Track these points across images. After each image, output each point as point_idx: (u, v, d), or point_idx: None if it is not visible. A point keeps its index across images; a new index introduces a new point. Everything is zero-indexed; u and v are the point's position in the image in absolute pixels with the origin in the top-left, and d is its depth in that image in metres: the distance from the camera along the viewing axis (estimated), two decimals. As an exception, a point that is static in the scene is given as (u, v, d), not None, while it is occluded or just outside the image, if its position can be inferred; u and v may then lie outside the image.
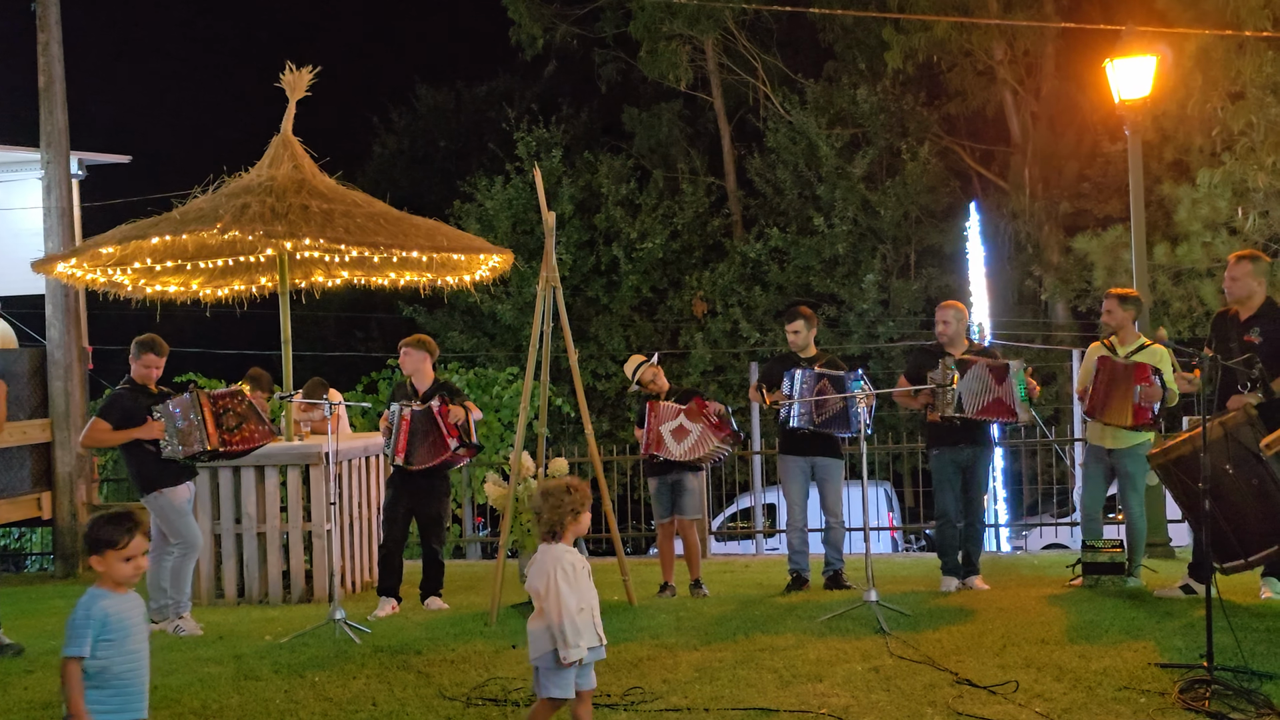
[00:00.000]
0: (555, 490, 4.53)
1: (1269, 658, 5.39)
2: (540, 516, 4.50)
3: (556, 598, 4.35)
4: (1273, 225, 16.73)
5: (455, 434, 7.64)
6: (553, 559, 4.43)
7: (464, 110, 31.57)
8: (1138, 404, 7.12)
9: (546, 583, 4.37)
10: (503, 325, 23.75)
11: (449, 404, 7.70)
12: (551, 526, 4.48)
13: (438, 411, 7.65)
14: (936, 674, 5.45)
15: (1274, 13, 15.52)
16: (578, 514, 4.51)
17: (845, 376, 7.75)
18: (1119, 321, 7.52)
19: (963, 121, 25.03)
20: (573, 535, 4.52)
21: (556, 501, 4.49)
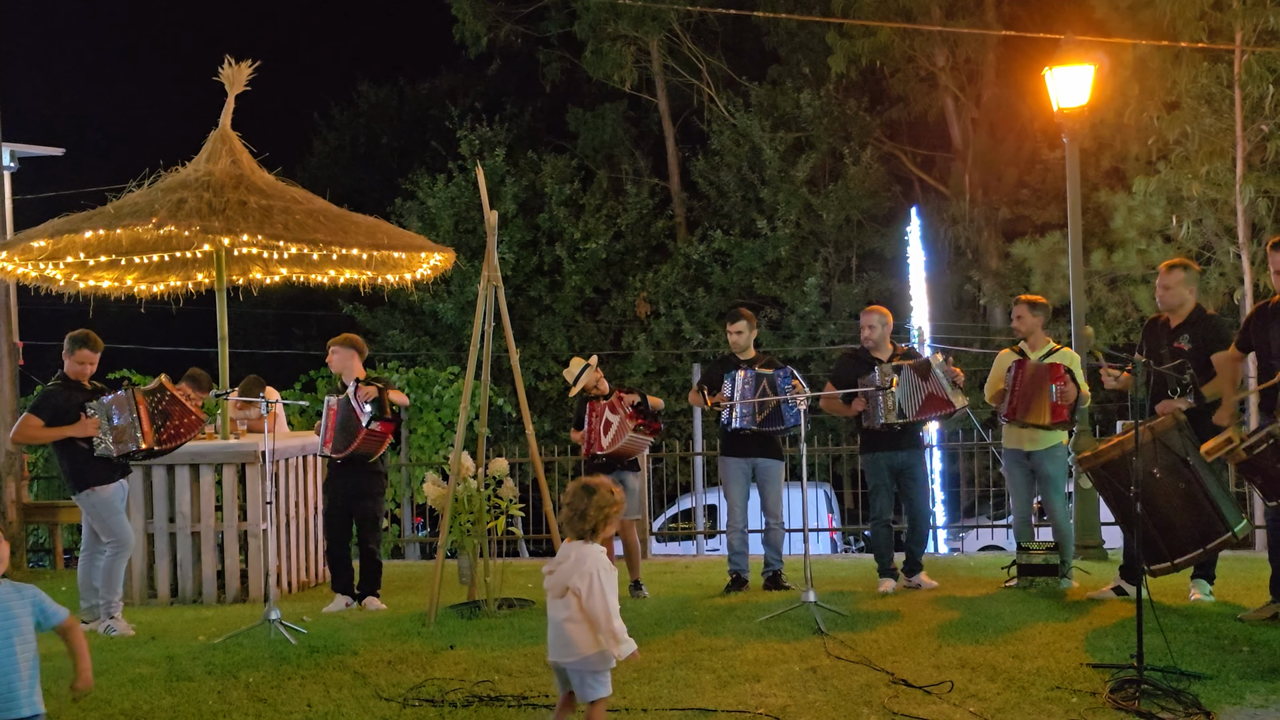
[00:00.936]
0: (600, 488, 4.46)
1: (1197, 658, 5.51)
2: (585, 514, 4.40)
3: (604, 597, 4.31)
4: (1205, 233, 17.12)
5: (366, 409, 7.66)
6: (593, 559, 4.37)
7: (406, 107, 31.32)
8: (1055, 403, 7.32)
9: (591, 582, 4.31)
10: (444, 324, 23.59)
11: (363, 386, 7.73)
12: (594, 525, 4.41)
13: (352, 394, 7.68)
14: (873, 674, 5.50)
15: (1209, 25, 15.86)
16: (614, 518, 4.47)
17: (775, 375, 7.79)
18: (1029, 327, 7.72)
19: (905, 127, 25.31)
20: (604, 539, 4.47)
21: (603, 501, 4.42)
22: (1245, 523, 6.42)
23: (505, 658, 6.06)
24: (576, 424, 8.41)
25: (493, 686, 5.55)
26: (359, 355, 8.06)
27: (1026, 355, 7.66)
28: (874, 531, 7.98)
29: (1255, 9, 15.40)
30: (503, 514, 7.64)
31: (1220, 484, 6.39)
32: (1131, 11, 16.96)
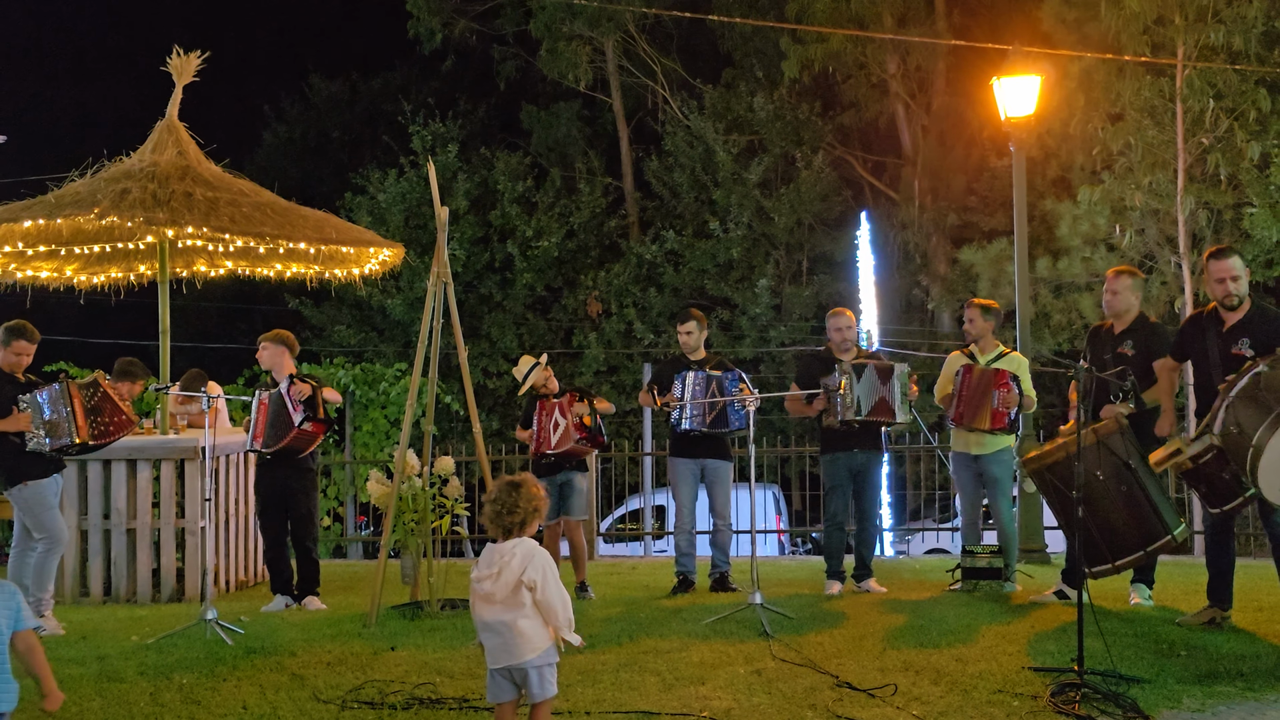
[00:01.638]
0: (527, 483, 4.45)
1: (1136, 662, 5.57)
2: (514, 507, 4.37)
3: (558, 587, 4.30)
4: (1148, 243, 17.41)
5: (299, 408, 7.58)
6: (540, 550, 4.34)
7: (358, 101, 31.01)
8: (995, 408, 7.39)
9: (545, 574, 4.28)
10: (392, 320, 23.39)
11: (296, 383, 7.66)
12: (524, 518, 4.38)
13: (285, 391, 7.61)
14: (818, 677, 5.50)
15: (1152, 40, 16.13)
16: (541, 512, 4.46)
17: (724, 377, 7.79)
18: (980, 331, 7.78)
19: (856, 132, 25.49)
20: (530, 534, 4.43)
21: (529, 494, 4.41)
22: (1184, 527, 6.50)
23: (448, 659, 5.98)
24: (524, 422, 8.36)
25: (434, 689, 5.48)
26: (290, 352, 7.98)
27: (976, 359, 7.72)
28: (827, 533, 7.99)
29: (1196, 25, 15.69)
30: (448, 513, 7.56)
31: (1160, 488, 6.47)
32: (1077, 24, 17.22)
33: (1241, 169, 15.87)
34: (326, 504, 12.81)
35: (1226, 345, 6.06)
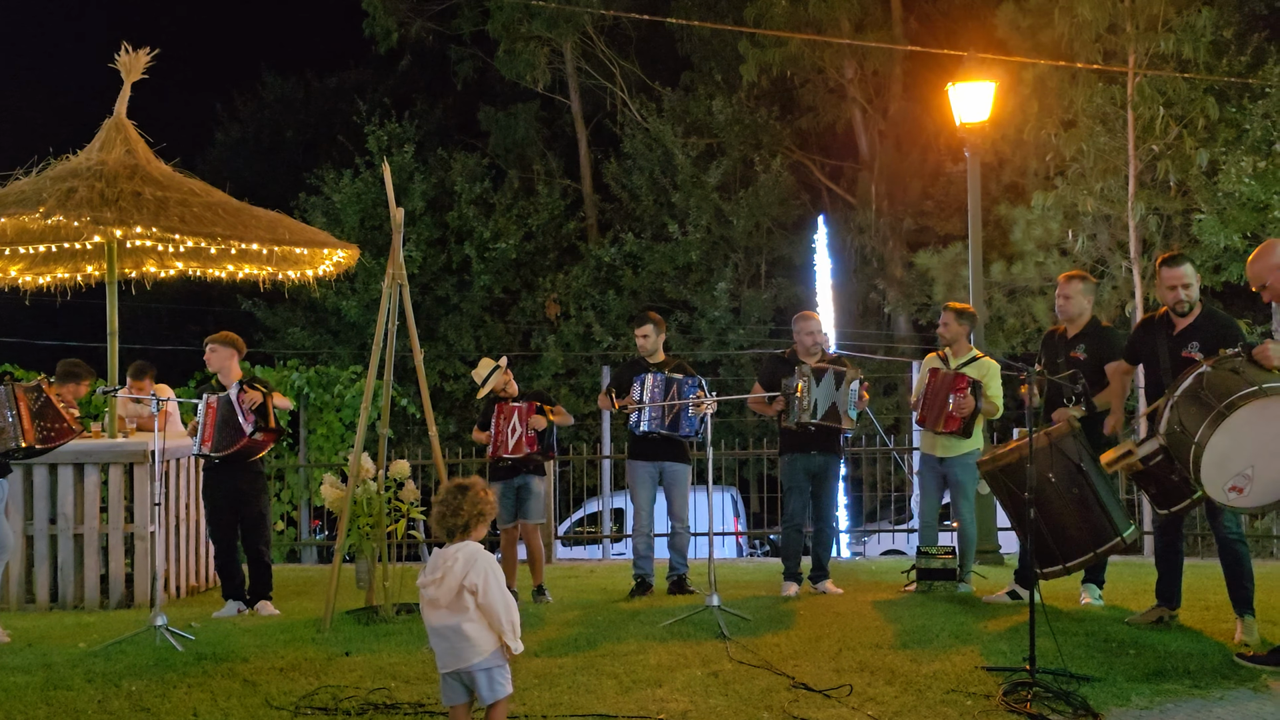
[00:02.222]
0: (474, 487, 4.44)
1: (1087, 661, 5.63)
2: (458, 509, 4.37)
3: (501, 591, 4.27)
4: (1099, 248, 17.66)
5: (250, 418, 7.50)
6: (483, 554, 4.33)
7: (313, 101, 30.76)
8: (949, 412, 7.44)
9: (487, 578, 4.26)
10: (347, 322, 23.22)
11: (246, 390, 7.57)
12: (468, 521, 4.37)
13: (235, 398, 7.53)
14: (774, 678, 5.51)
15: (1104, 48, 16.38)
16: (487, 517, 4.43)
17: (683, 381, 7.80)
18: (954, 335, 7.80)
19: (814, 137, 25.64)
20: (476, 538, 4.42)
21: (476, 497, 4.40)
22: (1134, 528, 6.59)
23: (403, 664, 5.93)
24: (482, 424, 8.31)
25: (389, 694, 5.43)
26: (238, 355, 7.91)
27: (948, 362, 7.75)
28: (785, 534, 8.01)
29: (1147, 34, 15.96)
30: (403, 517, 7.49)
31: (1111, 490, 6.55)
32: (1031, 32, 17.44)
33: (1190, 175, 16.14)
34: (280, 508, 12.68)
35: (1176, 349, 6.15)
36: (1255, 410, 5.06)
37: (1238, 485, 5.18)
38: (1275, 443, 5.11)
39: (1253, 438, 5.10)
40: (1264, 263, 5.46)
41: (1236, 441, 5.10)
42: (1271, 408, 5.07)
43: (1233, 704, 5.08)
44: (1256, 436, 5.10)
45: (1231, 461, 5.14)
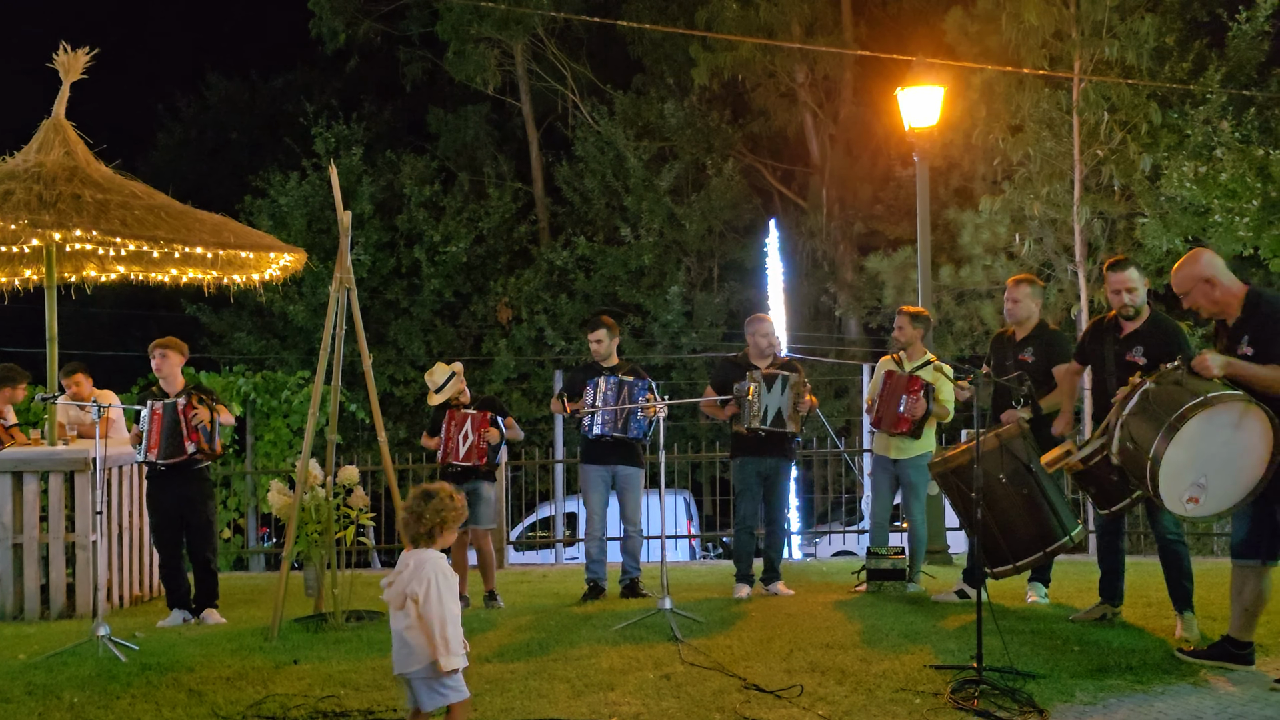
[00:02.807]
0: (440, 493, 4.40)
1: (1033, 658, 5.70)
2: (421, 516, 4.34)
3: (439, 603, 4.22)
4: (1046, 251, 17.90)
5: (195, 437, 7.43)
6: (432, 564, 4.28)
7: (259, 102, 30.41)
8: (900, 413, 7.50)
9: (428, 588, 4.22)
10: (294, 327, 22.96)
11: (194, 405, 7.47)
12: (430, 528, 4.34)
13: (182, 410, 7.43)
14: (726, 680, 5.52)
15: (1050, 53, 16.62)
16: (450, 524, 4.38)
17: (634, 383, 7.81)
18: (908, 338, 7.86)
19: (765, 141, 25.77)
20: (442, 544, 4.39)
21: (440, 505, 4.36)
22: (1080, 528, 6.69)
23: (352, 672, 5.86)
24: (432, 430, 8.25)
25: (338, 702, 5.37)
26: (184, 360, 7.83)
27: (903, 365, 7.81)
28: (737, 537, 8.04)
29: (1092, 40, 16.22)
30: (352, 524, 7.42)
31: (1059, 490, 6.65)
32: (979, 37, 17.67)
33: (1134, 180, 16.41)
34: (227, 515, 12.51)
35: (1122, 352, 6.24)
36: (1204, 420, 5.14)
37: (1193, 496, 5.26)
38: (1225, 450, 5.20)
39: (1204, 448, 5.18)
40: (1185, 273, 5.48)
41: (1189, 453, 5.17)
42: (1218, 416, 5.15)
43: (1173, 698, 5.17)
44: (1207, 446, 5.18)
45: (1186, 473, 5.21)
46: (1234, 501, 5.30)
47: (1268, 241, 15.15)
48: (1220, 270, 5.42)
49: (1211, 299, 5.41)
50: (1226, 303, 5.41)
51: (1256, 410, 5.13)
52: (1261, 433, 5.16)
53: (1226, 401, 5.14)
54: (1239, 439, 5.18)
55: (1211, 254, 5.52)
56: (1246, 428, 5.17)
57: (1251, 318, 5.33)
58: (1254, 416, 5.14)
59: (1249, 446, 5.18)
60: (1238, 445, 5.19)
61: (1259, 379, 5.21)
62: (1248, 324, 5.34)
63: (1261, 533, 5.39)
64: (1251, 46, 16.46)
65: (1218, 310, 5.46)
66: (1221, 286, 5.38)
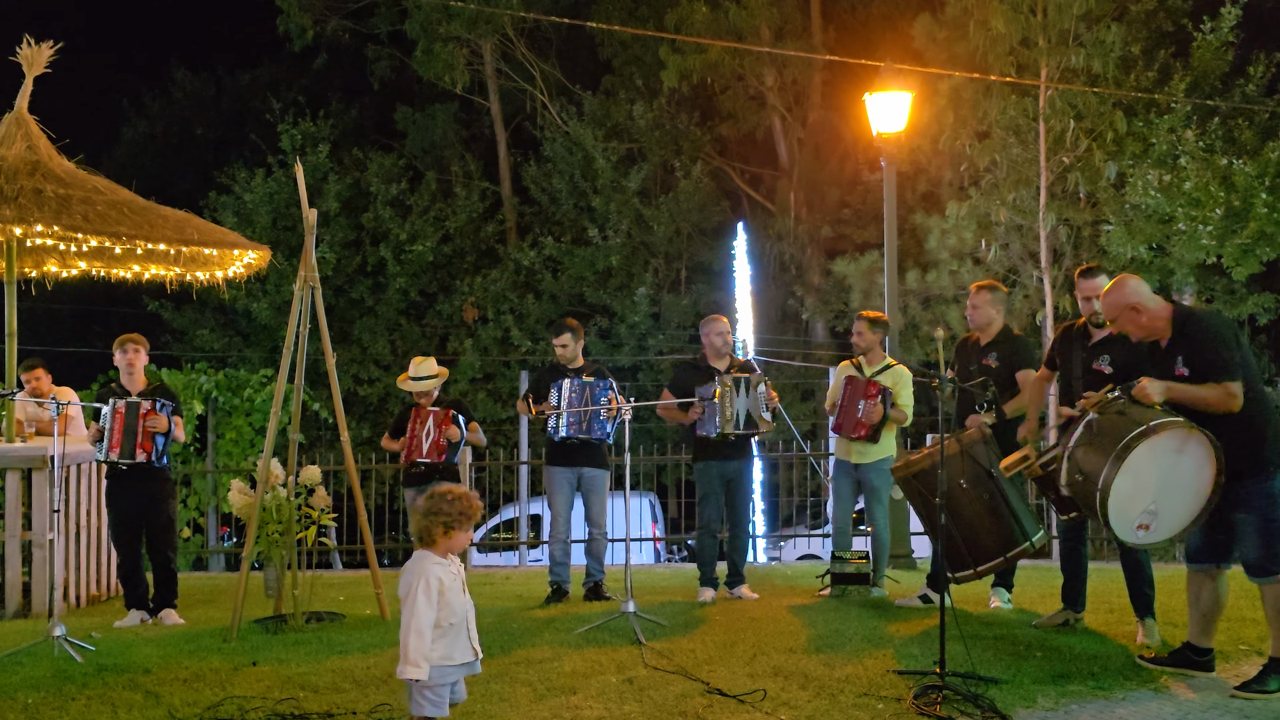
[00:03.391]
0: (437, 495, 4.34)
1: (995, 664, 5.73)
2: (419, 522, 4.31)
3: (410, 609, 4.16)
4: (1012, 257, 18.03)
5: (148, 446, 7.37)
6: (418, 569, 4.22)
7: (224, 98, 30.10)
8: (859, 418, 7.54)
9: (407, 591, 4.19)
10: (258, 325, 22.75)
11: (155, 412, 7.39)
12: (422, 531, 4.28)
13: (143, 414, 7.34)
14: (689, 684, 5.51)
15: (1017, 60, 16.74)
16: (450, 527, 4.27)
17: (596, 384, 7.79)
18: (868, 343, 7.90)
19: (734, 143, 25.80)
20: (445, 548, 4.29)
21: (431, 507, 4.29)
22: (1043, 533, 6.74)
23: (312, 674, 5.81)
24: (394, 431, 8.20)
25: (297, 704, 5.32)
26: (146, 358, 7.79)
27: (863, 370, 7.84)
28: (700, 540, 8.03)
29: (1059, 48, 16.35)
30: (314, 524, 7.35)
31: (1021, 496, 6.69)
32: (947, 43, 17.76)
33: (1099, 187, 16.56)
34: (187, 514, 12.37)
35: (1089, 360, 6.29)
36: (1149, 447, 5.18)
37: (1144, 523, 5.31)
38: (1172, 476, 5.25)
39: (1151, 474, 5.23)
40: (1111, 300, 5.51)
41: (1137, 481, 5.21)
42: (1162, 442, 5.20)
43: (1134, 704, 5.21)
44: (1154, 472, 5.23)
45: (1136, 501, 5.26)
46: (1183, 526, 5.36)
47: (1230, 250, 15.34)
48: (1145, 296, 5.45)
49: (1139, 324, 5.46)
50: (1154, 326, 5.45)
51: (1198, 434, 5.19)
52: (1205, 457, 5.22)
53: (1169, 428, 5.18)
54: (1183, 464, 5.24)
55: (1136, 280, 5.53)
56: (1190, 452, 5.23)
57: (1182, 338, 5.39)
58: (1196, 441, 5.20)
59: (1193, 471, 5.24)
60: (1183, 470, 5.25)
61: (1198, 399, 5.25)
62: (1179, 344, 5.39)
63: (1215, 537, 5.45)
64: (1216, 57, 16.64)
65: (1146, 334, 5.50)
66: (1148, 311, 5.42)
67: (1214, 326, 5.35)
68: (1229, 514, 5.32)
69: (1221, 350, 5.24)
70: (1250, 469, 5.22)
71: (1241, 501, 5.26)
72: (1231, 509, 5.29)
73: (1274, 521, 5.24)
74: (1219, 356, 5.23)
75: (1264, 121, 16.25)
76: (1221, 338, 5.28)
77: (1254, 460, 5.23)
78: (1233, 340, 5.30)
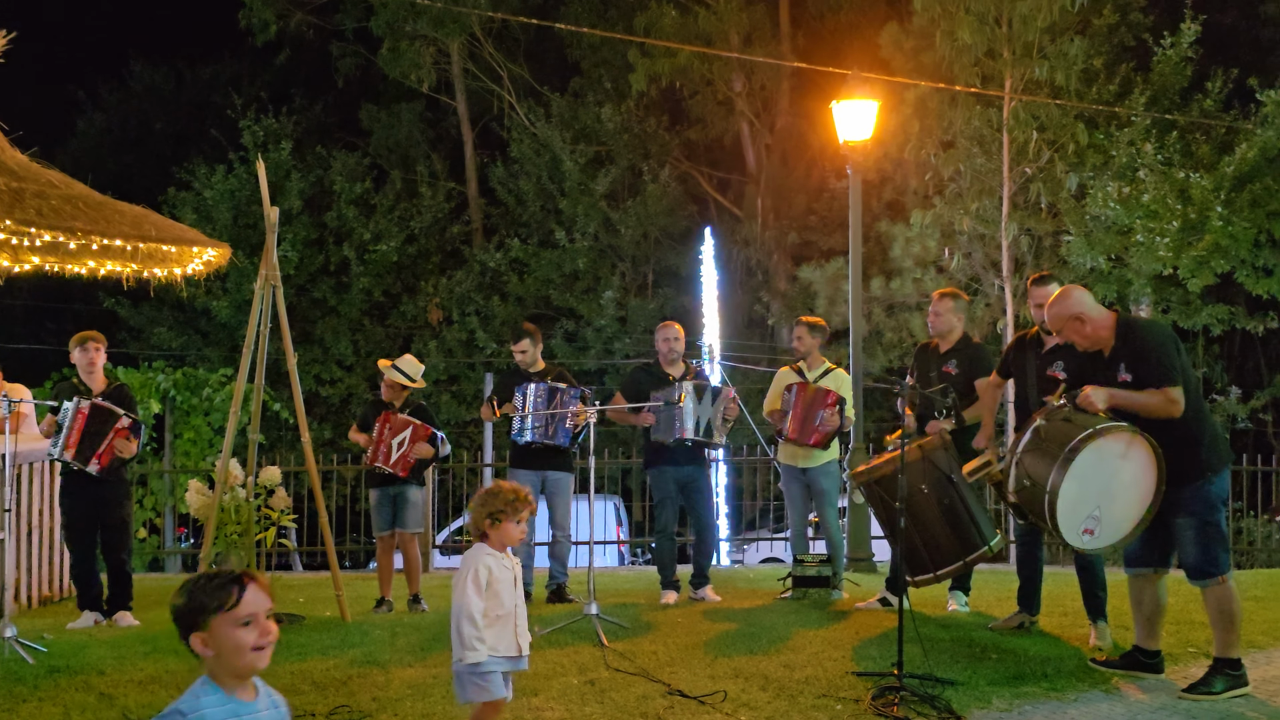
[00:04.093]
0: (489, 490, 4.39)
1: (952, 666, 5.77)
2: (473, 516, 4.39)
3: (460, 597, 4.20)
4: (974, 266, 18.19)
5: (105, 461, 7.25)
6: (470, 559, 4.27)
7: (185, 92, 29.76)
8: (816, 427, 7.59)
9: (457, 579, 4.24)
10: (217, 323, 22.54)
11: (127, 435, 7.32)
12: (476, 522, 4.34)
13: (118, 430, 7.28)
14: (650, 685, 5.50)
15: (982, 72, 16.90)
16: (496, 519, 4.29)
17: (567, 390, 7.78)
18: (808, 348, 7.99)
19: (702, 148, 25.86)
20: (497, 540, 4.31)
21: (480, 501, 4.34)
22: (1000, 538, 6.80)
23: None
24: (362, 425, 8.14)
25: (253, 706, 5.25)
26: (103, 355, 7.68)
27: (805, 375, 7.89)
28: (658, 544, 8.05)
29: (1023, 60, 16.53)
30: (273, 525, 7.29)
31: (980, 501, 6.74)
32: (914, 53, 17.91)
33: (1060, 198, 16.76)
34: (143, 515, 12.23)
35: (1043, 367, 6.36)
36: (1094, 452, 5.27)
37: (1089, 528, 5.39)
38: (1114, 481, 5.33)
39: (1096, 479, 5.31)
40: (1055, 312, 5.60)
41: (1083, 485, 5.29)
42: (1107, 446, 5.29)
43: (1086, 705, 5.28)
44: (1099, 477, 5.31)
45: (1081, 505, 5.34)
46: (1126, 532, 5.44)
47: (1186, 262, 15.57)
48: (1088, 306, 5.54)
49: (1083, 334, 5.56)
50: (1098, 336, 5.54)
51: (1141, 440, 5.28)
52: (1147, 462, 5.31)
53: (1113, 432, 5.28)
54: (1127, 469, 5.33)
55: (1081, 291, 5.63)
56: (1133, 458, 5.31)
57: (1125, 345, 5.48)
58: (1139, 446, 5.29)
59: (1137, 476, 5.33)
60: (1126, 475, 5.33)
61: (1140, 405, 5.34)
62: (1121, 352, 5.49)
63: (1154, 542, 5.53)
64: (1175, 71, 16.90)
65: (1090, 344, 5.60)
66: (1091, 321, 5.51)
67: (1155, 335, 5.48)
68: (1168, 518, 5.40)
69: (1163, 357, 5.34)
70: (1189, 474, 5.32)
71: (1180, 506, 5.35)
72: (1170, 513, 5.38)
73: (1211, 525, 5.34)
74: (1160, 363, 5.33)
75: (1221, 136, 16.52)
76: (1162, 345, 5.39)
77: (1192, 465, 5.33)
78: (1173, 348, 5.41)
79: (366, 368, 22.21)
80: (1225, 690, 5.32)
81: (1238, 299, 17.35)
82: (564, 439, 7.82)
